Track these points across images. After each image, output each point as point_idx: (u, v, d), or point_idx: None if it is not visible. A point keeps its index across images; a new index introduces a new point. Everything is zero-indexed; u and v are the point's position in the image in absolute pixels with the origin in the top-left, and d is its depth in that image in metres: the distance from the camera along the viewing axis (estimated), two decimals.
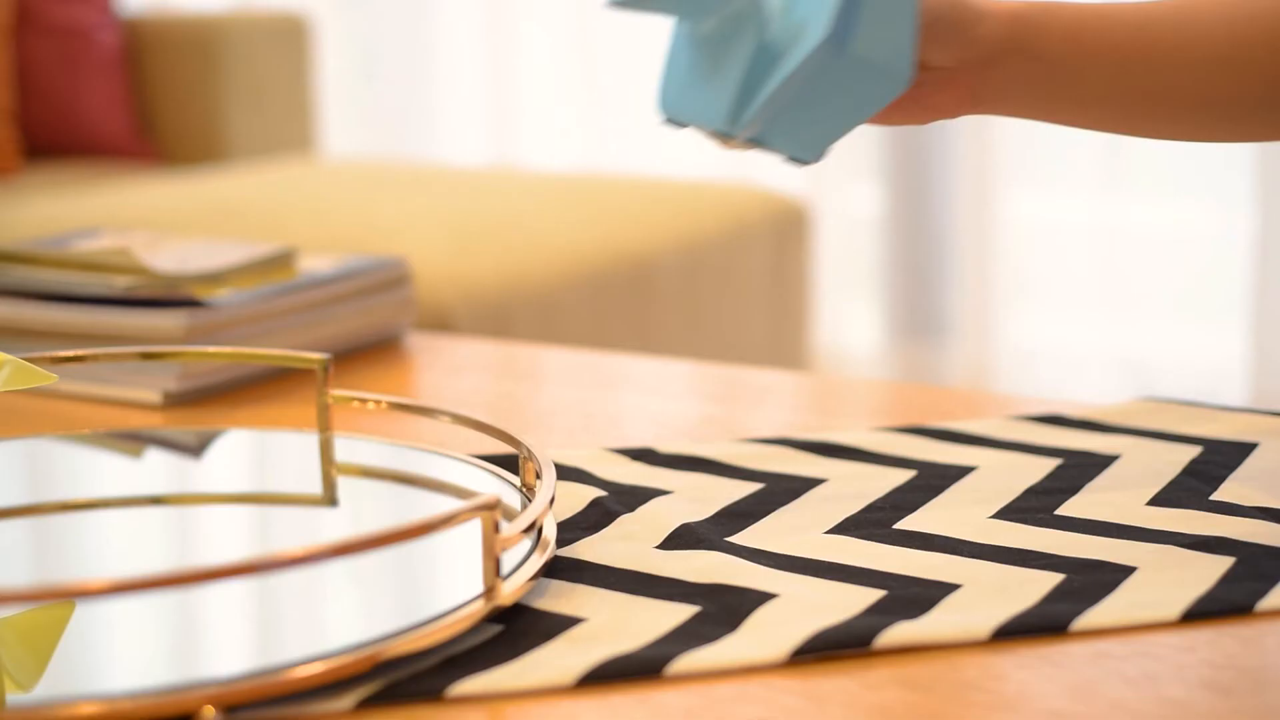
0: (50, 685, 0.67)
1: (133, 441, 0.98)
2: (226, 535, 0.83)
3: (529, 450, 0.81)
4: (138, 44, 2.96)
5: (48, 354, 0.88)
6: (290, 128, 3.05)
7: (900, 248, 3.30)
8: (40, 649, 0.70)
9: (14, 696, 0.65)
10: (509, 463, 0.91)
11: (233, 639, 0.71)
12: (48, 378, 0.82)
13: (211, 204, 2.27)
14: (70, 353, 0.88)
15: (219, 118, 2.94)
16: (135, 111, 2.93)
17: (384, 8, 3.65)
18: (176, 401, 1.09)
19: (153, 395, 1.09)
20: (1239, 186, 3.06)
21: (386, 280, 1.26)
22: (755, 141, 0.81)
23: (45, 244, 1.23)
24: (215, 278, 1.18)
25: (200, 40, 2.94)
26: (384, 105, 3.67)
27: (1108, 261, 3.17)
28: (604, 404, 1.09)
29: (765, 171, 3.38)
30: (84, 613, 0.70)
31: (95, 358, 0.89)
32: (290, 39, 3.04)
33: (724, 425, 1.03)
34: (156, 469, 0.94)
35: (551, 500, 0.76)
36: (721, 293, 2.30)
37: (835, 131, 0.82)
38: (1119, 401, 1.04)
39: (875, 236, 3.33)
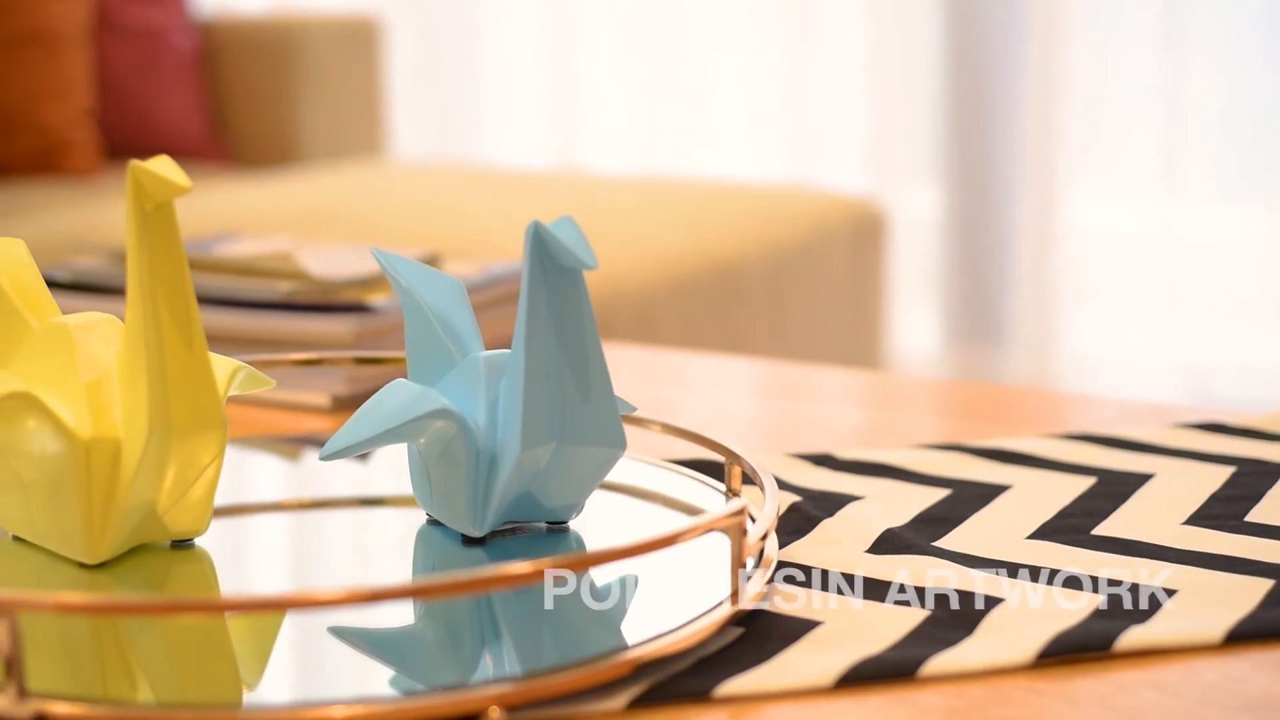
0: (323, 686, 0.69)
1: (317, 446, 1.00)
2: (440, 539, 0.85)
3: (751, 465, 0.83)
4: (212, 47, 2.99)
5: (276, 358, 0.90)
6: (361, 130, 3.08)
7: (960, 252, 3.32)
8: (265, 649, 0.72)
9: (301, 696, 0.67)
10: (696, 469, 0.93)
11: (483, 642, 0.73)
12: (269, 382, 0.84)
13: (294, 206, 2.29)
14: (298, 356, 0.90)
15: (292, 119, 2.96)
16: (210, 113, 2.95)
17: (447, 10, 3.67)
18: (345, 405, 1.11)
19: (322, 399, 1.11)
20: None
21: None
22: (512, 523, 0.82)
23: (190, 248, 1.25)
24: (369, 282, 1.20)
25: (274, 43, 2.96)
26: (447, 108, 3.69)
27: (1167, 266, 3.19)
28: (760, 408, 1.10)
29: (828, 174, 3.40)
30: (330, 618, 0.72)
31: (324, 362, 0.90)
32: (361, 41, 3.07)
33: (880, 431, 1.05)
34: (360, 472, 0.96)
35: (779, 509, 0.78)
36: (804, 296, 2.32)
37: (584, 492, 0.82)
38: (1273, 410, 1.06)
39: (935, 241, 3.34)
